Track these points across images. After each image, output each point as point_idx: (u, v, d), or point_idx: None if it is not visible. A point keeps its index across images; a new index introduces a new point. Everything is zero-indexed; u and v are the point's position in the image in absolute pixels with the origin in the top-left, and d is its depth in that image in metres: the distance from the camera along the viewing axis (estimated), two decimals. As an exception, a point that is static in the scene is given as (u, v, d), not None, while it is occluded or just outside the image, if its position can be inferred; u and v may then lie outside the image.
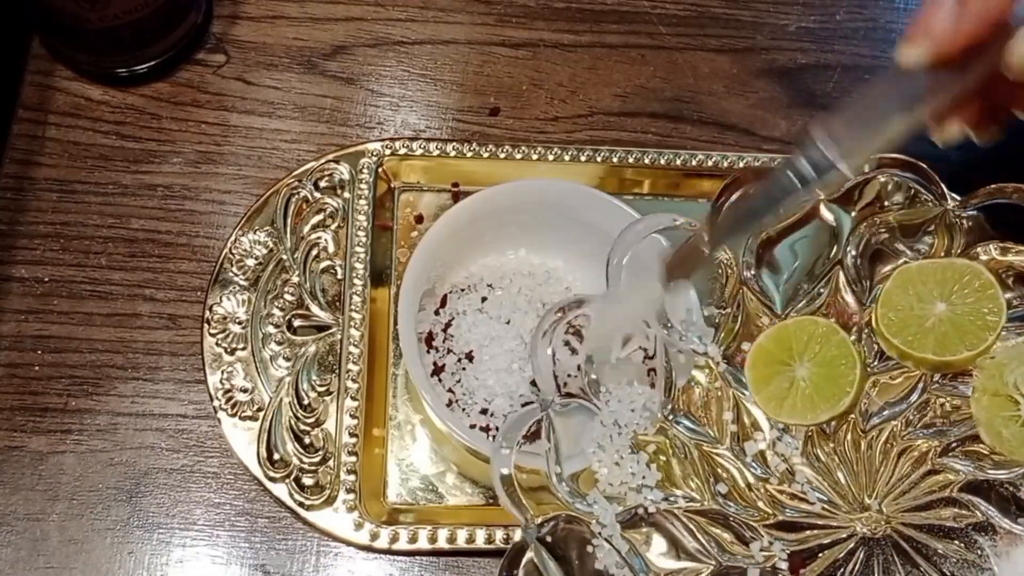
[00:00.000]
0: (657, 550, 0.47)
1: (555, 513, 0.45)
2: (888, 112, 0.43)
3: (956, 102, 0.44)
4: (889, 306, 0.49)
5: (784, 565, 0.47)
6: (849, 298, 0.51)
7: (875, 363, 0.51)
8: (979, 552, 0.47)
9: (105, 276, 0.58)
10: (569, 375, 0.47)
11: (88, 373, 0.56)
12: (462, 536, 0.53)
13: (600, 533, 0.46)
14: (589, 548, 0.45)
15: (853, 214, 0.51)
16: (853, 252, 0.51)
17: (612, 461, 0.47)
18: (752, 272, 0.51)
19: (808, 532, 0.48)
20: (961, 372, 0.49)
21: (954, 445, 0.49)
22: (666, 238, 0.49)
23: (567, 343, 0.49)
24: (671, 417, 0.49)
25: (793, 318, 0.51)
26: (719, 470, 0.49)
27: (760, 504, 0.49)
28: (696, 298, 0.50)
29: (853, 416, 0.50)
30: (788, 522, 0.48)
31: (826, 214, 0.51)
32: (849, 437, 0.50)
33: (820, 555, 0.48)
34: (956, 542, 0.48)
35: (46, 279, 0.58)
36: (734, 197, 0.48)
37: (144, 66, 0.62)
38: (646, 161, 0.63)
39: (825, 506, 0.49)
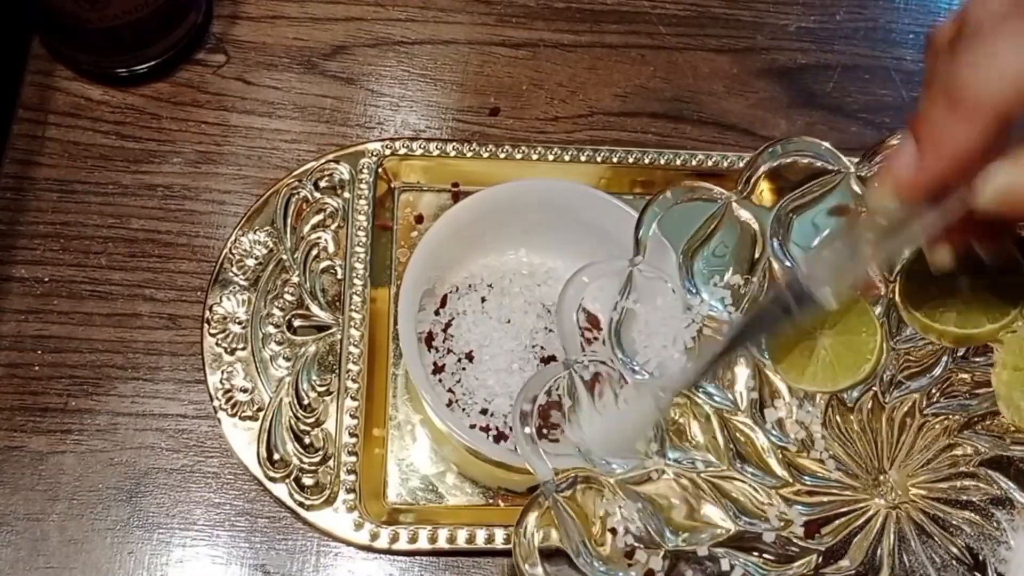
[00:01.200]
0: (674, 510, 0.47)
1: (574, 470, 0.45)
2: (868, 250, 0.45)
3: (943, 233, 0.45)
4: (913, 279, 0.49)
5: (800, 530, 0.47)
6: (875, 271, 0.51)
7: (899, 336, 0.51)
8: (996, 525, 0.47)
9: (105, 276, 0.58)
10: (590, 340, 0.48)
11: (88, 373, 0.56)
12: (462, 536, 0.53)
13: (618, 492, 0.46)
14: (606, 506, 0.45)
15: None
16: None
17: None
18: (779, 242, 0.51)
19: (825, 500, 0.48)
20: (984, 346, 0.49)
21: (975, 420, 0.49)
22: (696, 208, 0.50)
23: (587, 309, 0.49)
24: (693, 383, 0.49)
25: None
26: (739, 435, 0.49)
27: (779, 471, 0.49)
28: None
29: (874, 388, 0.50)
30: (806, 490, 0.49)
31: (855, 187, 0.51)
32: (870, 408, 0.50)
33: (836, 522, 0.48)
34: (973, 515, 0.48)
35: (46, 279, 0.58)
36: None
37: (144, 66, 0.62)
38: (646, 161, 0.63)
39: (843, 475, 0.49)
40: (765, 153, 0.50)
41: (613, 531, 0.45)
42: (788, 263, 0.51)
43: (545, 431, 0.45)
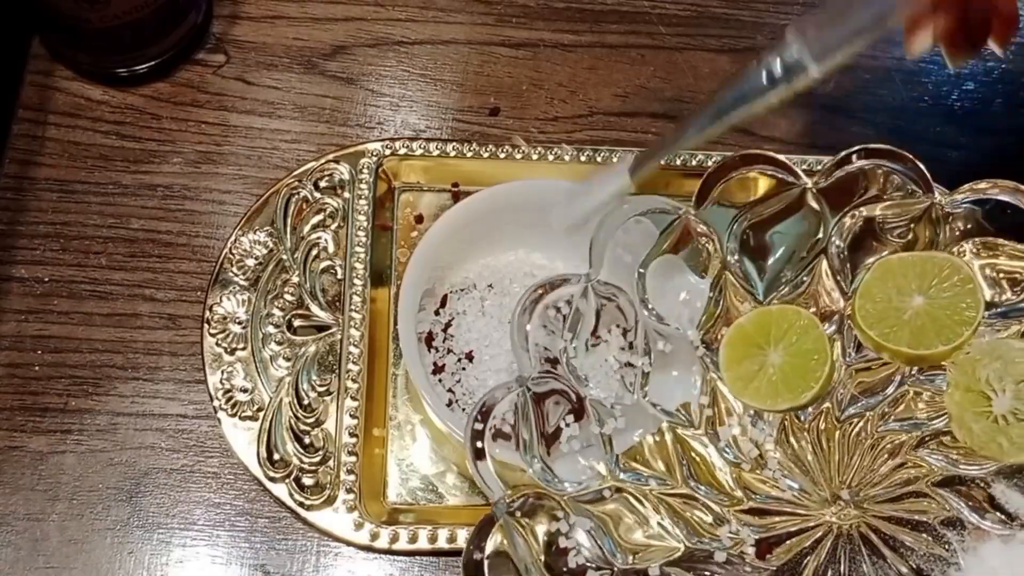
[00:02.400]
0: (626, 529, 0.47)
1: (525, 489, 0.45)
2: (860, 18, 0.44)
3: (928, 11, 0.44)
4: (867, 297, 0.49)
5: (751, 550, 0.47)
6: (831, 288, 0.52)
7: (853, 354, 0.51)
8: (947, 546, 0.47)
9: (105, 276, 0.58)
10: (547, 359, 0.48)
11: (88, 373, 0.56)
12: (462, 536, 0.53)
13: (570, 511, 0.45)
14: (558, 525, 0.45)
15: (840, 204, 0.51)
16: (838, 242, 0.51)
17: (584, 442, 0.47)
18: (736, 257, 0.51)
19: (777, 519, 0.48)
20: (937, 366, 0.49)
21: (928, 439, 0.50)
22: (653, 222, 0.50)
23: (545, 326, 0.49)
24: (647, 399, 0.49)
25: (777, 305, 0.51)
26: (692, 454, 0.49)
27: (731, 490, 0.49)
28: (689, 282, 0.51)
29: (828, 406, 0.50)
30: (758, 508, 0.48)
31: (812, 203, 0.51)
32: (823, 427, 0.50)
33: (788, 542, 0.48)
34: (925, 535, 0.48)
35: (46, 279, 0.58)
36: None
37: (144, 66, 0.62)
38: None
39: (796, 494, 0.49)
40: (723, 167, 0.50)
41: (564, 551, 0.45)
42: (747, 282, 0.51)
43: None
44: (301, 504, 0.54)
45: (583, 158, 0.62)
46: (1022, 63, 0.70)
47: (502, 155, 0.61)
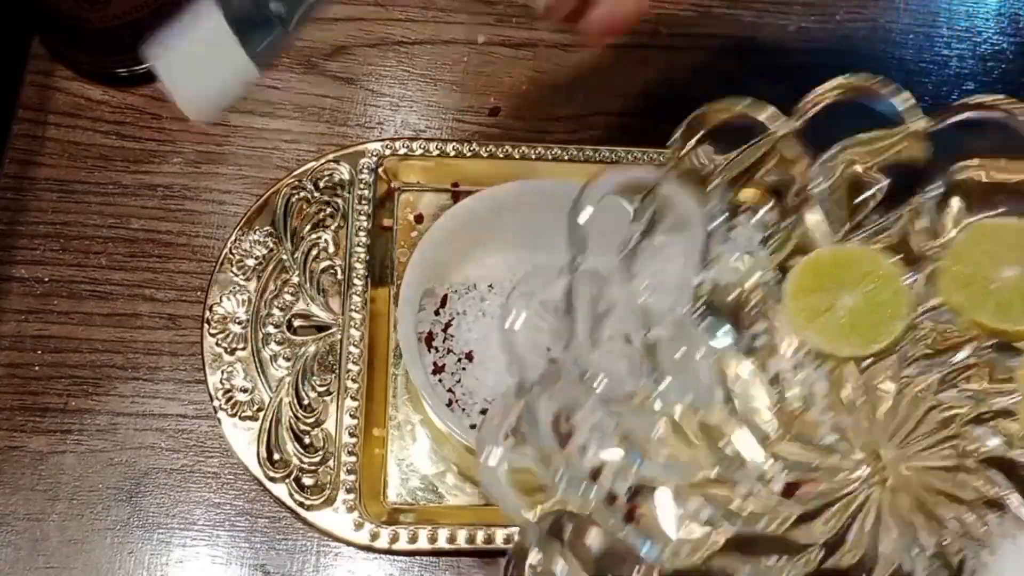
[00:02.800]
0: (652, 442, 0.44)
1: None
2: None
3: None
4: (957, 258, 0.46)
5: (778, 487, 0.45)
6: (919, 238, 0.49)
7: (928, 311, 0.48)
8: (984, 527, 0.45)
9: (105, 276, 0.58)
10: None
11: (88, 373, 0.56)
12: (462, 536, 0.53)
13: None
14: (584, 415, 0.43)
15: (953, 157, 0.48)
16: (936, 192, 0.48)
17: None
18: (824, 187, 0.48)
19: (813, 464, 0.46)
20: (1015, 343, 0.47)
21: (987, 416, 0.47)
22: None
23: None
24: (696, 315, 0.47)
25: (863, 246, 0.48)
26: (737, 381, 0.47)
27: (771, 424, 0.46)
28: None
29: (889, 361, 0.47)
30: (795, 449, 0.46)
31: (918, 146, 0.48)
32: (879, 381, 0.48)
33: (819, 487, 0.46)
34: (963, 512, 0.46)
35: (46, 279, 0.58)
36: None
37: (144, 66, 0.61)
38: (646, 161, 0.63)
39: (836, 443, 0.46)
40: (830, 89, 0.48)
41: (583, 447, 0.43)
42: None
43: None
44: (301, 504, 0.54)
45: (583, 158, 0.62)
46: (1022, 63, 0.70)
47: (502, 155, 0.61)
